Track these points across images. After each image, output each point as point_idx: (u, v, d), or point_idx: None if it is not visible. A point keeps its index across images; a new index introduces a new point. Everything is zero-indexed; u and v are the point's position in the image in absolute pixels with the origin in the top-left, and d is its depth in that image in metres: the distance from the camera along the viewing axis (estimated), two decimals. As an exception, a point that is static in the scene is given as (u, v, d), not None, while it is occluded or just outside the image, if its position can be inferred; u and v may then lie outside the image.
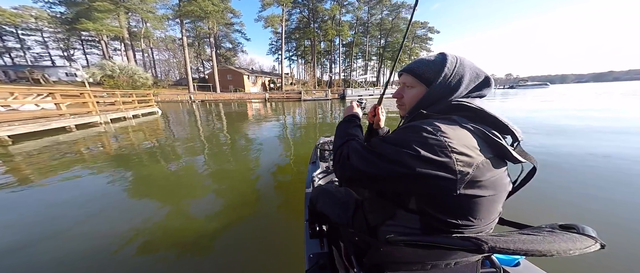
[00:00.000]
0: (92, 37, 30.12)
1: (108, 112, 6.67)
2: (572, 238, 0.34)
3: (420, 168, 0.38)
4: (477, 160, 0.38)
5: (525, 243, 0.33)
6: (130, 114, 7.63)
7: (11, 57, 37.06)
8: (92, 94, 6.06)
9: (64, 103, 5.41)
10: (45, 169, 2.76)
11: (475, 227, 0.41)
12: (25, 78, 22.88)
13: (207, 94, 23.02)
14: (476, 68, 0.48)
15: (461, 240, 0.36)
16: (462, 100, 0.46)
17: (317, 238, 0.83)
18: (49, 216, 1.72)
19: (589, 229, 0.37)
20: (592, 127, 4.45)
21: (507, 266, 0.65)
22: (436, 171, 0.37)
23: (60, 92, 5.45)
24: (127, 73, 19.01)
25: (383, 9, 35.57)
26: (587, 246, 0.33)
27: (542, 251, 0.32)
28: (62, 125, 5.09)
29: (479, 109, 0.42)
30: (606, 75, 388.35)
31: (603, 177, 2.13)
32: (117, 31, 21.55)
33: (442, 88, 0.48)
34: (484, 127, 0.40)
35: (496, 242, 0.33)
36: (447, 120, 0.42)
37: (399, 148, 0.40)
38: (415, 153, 0.38)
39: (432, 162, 0.37)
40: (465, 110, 0.44)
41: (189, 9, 21.71)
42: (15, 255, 1.32)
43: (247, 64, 47.31)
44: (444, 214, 0.41)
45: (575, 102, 10.67)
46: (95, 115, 6.06)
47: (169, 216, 1.70)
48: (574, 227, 0.38)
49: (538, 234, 0.36)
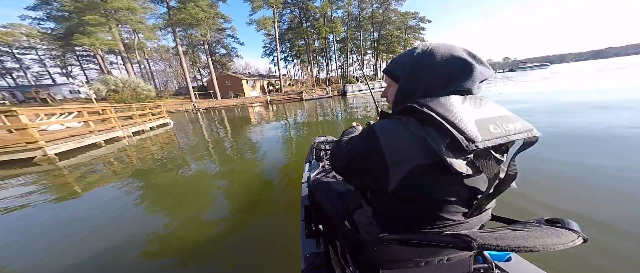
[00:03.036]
0: (87, 52, 30.27)
1: (128, 126, 7.16)
2: (557, 233, 0.36)
3: (352, 164, 0.47)
4: (406, 161, 0.39)
5: (513, 240, 0.33)
6: (147, 126, 8.12)
7: (13, 78, 37.36)
8: (113, 110, 6.55)
9: (91, 120, 5.90)
10: (96, 180, 3.26)
11: (443, 226, 0.42)
12: (33, 98, 23.25)
13: (209, 101, 23.39)
14: (452, 56, 0.43)
15: (452, 238, 0.37)
16: (419, 101, 0.42)
17: (313, 238, 0.84)
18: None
19: (573, 223, 0.38)
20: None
21: (499, 261, 0.66)
22: (365, 166, 0.44)
23: (87, 110, 5.94)
24: (130, 86, 19.41)
25: (373, 2, 35.68)
26: (571, 240, 0.35)
27: (529, 247, 0.33)
28: (93, 141, 5.58)
29: (427, 113, 0.39)
30: (605, 51, 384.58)
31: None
32: (112, 44, 21.76)
33: (407, 85, 0.47)
34: (430, 132, 0.38)
35: (485, 239, 0.34)
36: (393, 120, 0.44)
37: (343, 146, 0.51)
38: (351, 149, 0.48)
39: (361, 158, 0.45)
40: (417, 112, 0.41)
41: (180, 17, 21.88)
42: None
43: (243, 68, 47.68)
44: (387, 210, 0.46)
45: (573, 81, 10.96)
46: (119, 129, 6.55)
47: (175, 220, 1.79)
48: (559, 221, 0.39)
49: (525, 230, 0.38)
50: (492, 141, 0.37)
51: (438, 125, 0.38)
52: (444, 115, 0.38)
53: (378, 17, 36.43)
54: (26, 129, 4.23)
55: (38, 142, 4.33)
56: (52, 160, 4.41)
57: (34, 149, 4.33)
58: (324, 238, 0.83)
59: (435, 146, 0.37)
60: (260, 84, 33.62)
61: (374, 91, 1.37)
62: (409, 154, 0.39)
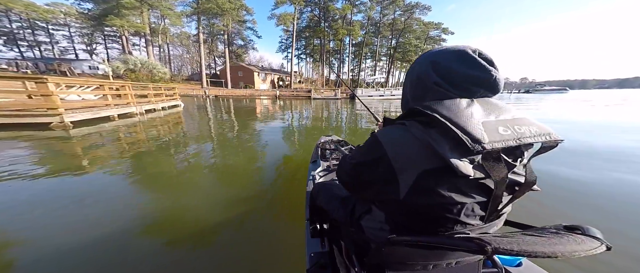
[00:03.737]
0: (113, 32, 31.77)
1: (142, 104, 7.40)
2: (576, 240, 0.34)
3: (359, 176, 0.47)
4: (413, 167, 0.38)
5: (529, 245, 0.32)
6: (160, 106, 8.38)
7: (40, 50, 39.57)
8: (131, 87, 6.80)
9: (110, 94, 6.15)
10: (110, 153, 3.37)
11: (462, 226, 0.41)
12: (54, 70, 24.54)
13: (219, 89, 23.91)
14: (455, 60, 0.42)
15: (464, 241, 0.36)
16: (423, 104, 0.42)
17: (318, 237, 0.84)
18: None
19: (595, 230, 0.36)
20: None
21: (509, 266, 0.64)
22: (372, 176, 0.44)
23: (108, 85, 6.19)
24: (147, 67, 20.13)
25: (396, 9, 35.37)
26: (592, 248, 0.33)
27: (546, 252, 0.31)
28: (108, 114, 5.81)
29: (431, 115, 0.38)
30: (632, 81, 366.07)
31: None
32: (140, 27, 22.74)
33: (411, 89, 0.48)
34: (433, 135, 0.37)
35: (500, 243, 0.32)
36: (396, 126, 0.44)
37: (348, 160, 0.50)
38: (357, 161, 0.48)
39: (367, 168, 0.45)
40: (421, 115, 0.41)
41: (207, 6, 22.60)
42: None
43: (257, 61, 48.23)
44: (400, 217, 0.45)
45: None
46: (133, 106, 6.79)
47: (176, 215, 1.74)
48: (578, 228, 0.38)
49: (542, 235, 0.36)
50: (501, 143, 0.35)
51: (443, 128, 0.37)
52: (448, 117, 0.37)
53: (399, 25, 36.07)
54: (51, 96, 4.45)
55: (58, 109, 4.55)
56: (66, 127, 4.62)
57: (53, 115, 4.55)
58: (328, 237, 0.82)
59: (439, 148, 0.36)
60: (271, 78, 33.99)
61: (384, 98, 1.37)
62: (416, 159, 0.38)
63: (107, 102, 6.03)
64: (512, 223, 0.55)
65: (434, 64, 0.44)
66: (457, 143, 0.35)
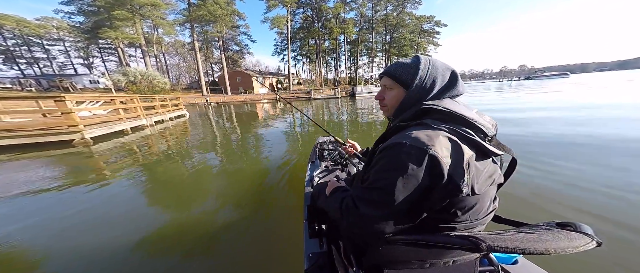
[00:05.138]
0: (108, 44, 31.97)
1: (151, 116, 7.68)
2: (569, 237, 0.35)
3: (417, 184, 0.41)
4: (459, 159, 0.40)
5: (523, 242, 0.33)
6: (167, 117, 8.66)
7: (39, 67, 39.87)
8: (139, 100, 7.07)
9: (121, 108, 6.42)
10: (132, 161, 3.63)
11: (468, 222, 0.43)
12: (56, 86, 24.84)
13: (220, 96, 24.15)
14: (446, 68, 0.52)
15: (460, 239, 0.36)
16: (431, 103, 0.46)
17: (317, 237, 0.83)
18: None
19: (586, 227, 0.37)
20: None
21: (505, 264, 0.65)
22: (430, 181, 0.41)
23: (118, 99, 6.46)
24: (147, 78, 20.34)
25: (387, 4, 35.53)
26: (583, 244, 0.34)
27: (540, 249, 0.32)
28: (121, 128, 6.07)
29: (446, 110, 0.43)
30: (632, 62, 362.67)
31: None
32: (135, 38, 22.92)
33: (419, 90, 0.52)
34: (456, 126, 0.41)
35: (494, 241, 0.33)
36: (420, 126, 0.45)
37: (392, 173, 0.42)
38: (408, 172, 0.40)
39: (423, 174, 0.40)
40: (436, 113, 0.44)
41: (199, 14, 22.72)
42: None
43: (254, 66, 48.52)
44: (437, 213, 0.44)
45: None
46: (143, 118, 7.06)
47: (178, 216, 1.81)
48: (571, 225, 0.39)
49: (535, 232, 0.37)
50: (493, 130, 0.44)
51: (461, 119, 0.42)
52: (459, 112, 0.43)
53: (391, 20, 36.24)
54: (71, 113, 4.71)
55: (78, 126, 4.82)
56: (87, 144, 4.89)
57: (74, 132, 4.82)
58: (327, 238, 0.83)
59: (471, 136, 0.40)
60: (270, 81, 34.24)
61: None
62: (459, 154, 0.40)
63: (120, 116, 6.30)
64: (506, 221, 0.57)
65: (433, 72, 0.52)
66: (478, 131, 0.42)
